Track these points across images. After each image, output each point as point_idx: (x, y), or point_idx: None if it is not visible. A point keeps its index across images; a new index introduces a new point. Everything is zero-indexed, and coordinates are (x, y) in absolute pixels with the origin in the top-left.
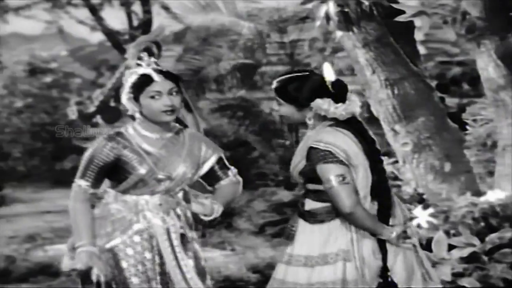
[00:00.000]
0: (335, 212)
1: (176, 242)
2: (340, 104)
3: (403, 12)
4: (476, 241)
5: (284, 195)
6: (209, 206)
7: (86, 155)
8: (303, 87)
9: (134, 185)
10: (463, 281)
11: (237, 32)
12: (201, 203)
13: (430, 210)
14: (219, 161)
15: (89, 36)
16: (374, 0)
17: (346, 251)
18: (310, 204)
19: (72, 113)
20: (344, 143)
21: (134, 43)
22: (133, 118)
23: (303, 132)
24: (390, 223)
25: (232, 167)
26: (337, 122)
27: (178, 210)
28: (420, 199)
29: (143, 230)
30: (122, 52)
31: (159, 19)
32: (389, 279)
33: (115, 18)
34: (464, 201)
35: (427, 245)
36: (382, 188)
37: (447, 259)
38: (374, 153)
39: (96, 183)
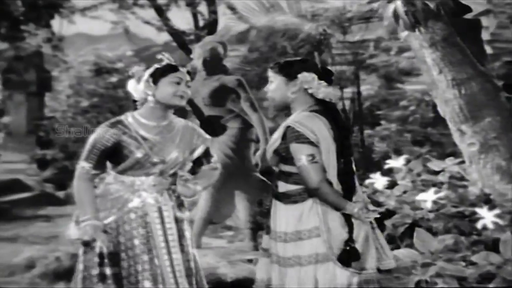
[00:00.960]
0: (307, 193)
1: (168, 219)
2: (323, 82)
3: (470, 11)
4: None
5: None
6: (192, 190)
7: (90, 140)
8: (296, 61)
9: (131, 167)
10: None
11: (301, 32)
12: (187, 186)
13: (496, 210)
14: (206, 149)
15: (155, 37)
16: None
17: (317, 227)
18: (283, 187)
19: None
20: (316, 127)
21: (200, 43)
22: (134, 108)
23: (367, 133)
24: (353, 200)
25: (214, 155)
26: (316, 110)
27: (171, 191)
28: (486, 200)
29: (137, 207)
30: (188, 52)
31: (224, 19)
32: (352, 247)
33: (181, 19)
34: None
35: (493, 246)
36: (347, 171)
37: None
38: (345, 140)
39: (98, 165)
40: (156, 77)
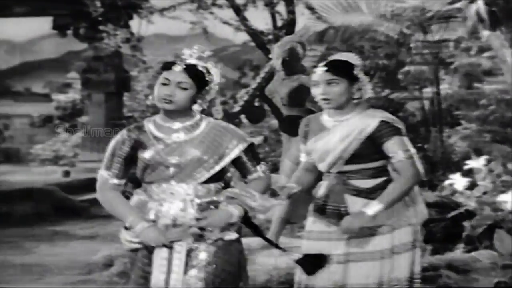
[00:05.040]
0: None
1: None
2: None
3: None
4: None
5: (428, 196)
6: (229, 214)
7: (109, 147)
8: (350, 62)
9: (143, 171)
10: None
11: (380, 31)
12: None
13: None
14: (248, 151)
15: (233, 37)
16: None
17: (408, 216)
18: (367, 183)
19: (217, 112)
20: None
21: (279, 43)
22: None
23: (447, 131)
24: None
25: (262, 162)
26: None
27: (197, 200)
28: None
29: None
30: (266, 52)
31: (302, 19)
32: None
33: (259, 19)
34: None
35: None
36: None
37: None
38: None
39: (119, 174)
40: (158, 77)
